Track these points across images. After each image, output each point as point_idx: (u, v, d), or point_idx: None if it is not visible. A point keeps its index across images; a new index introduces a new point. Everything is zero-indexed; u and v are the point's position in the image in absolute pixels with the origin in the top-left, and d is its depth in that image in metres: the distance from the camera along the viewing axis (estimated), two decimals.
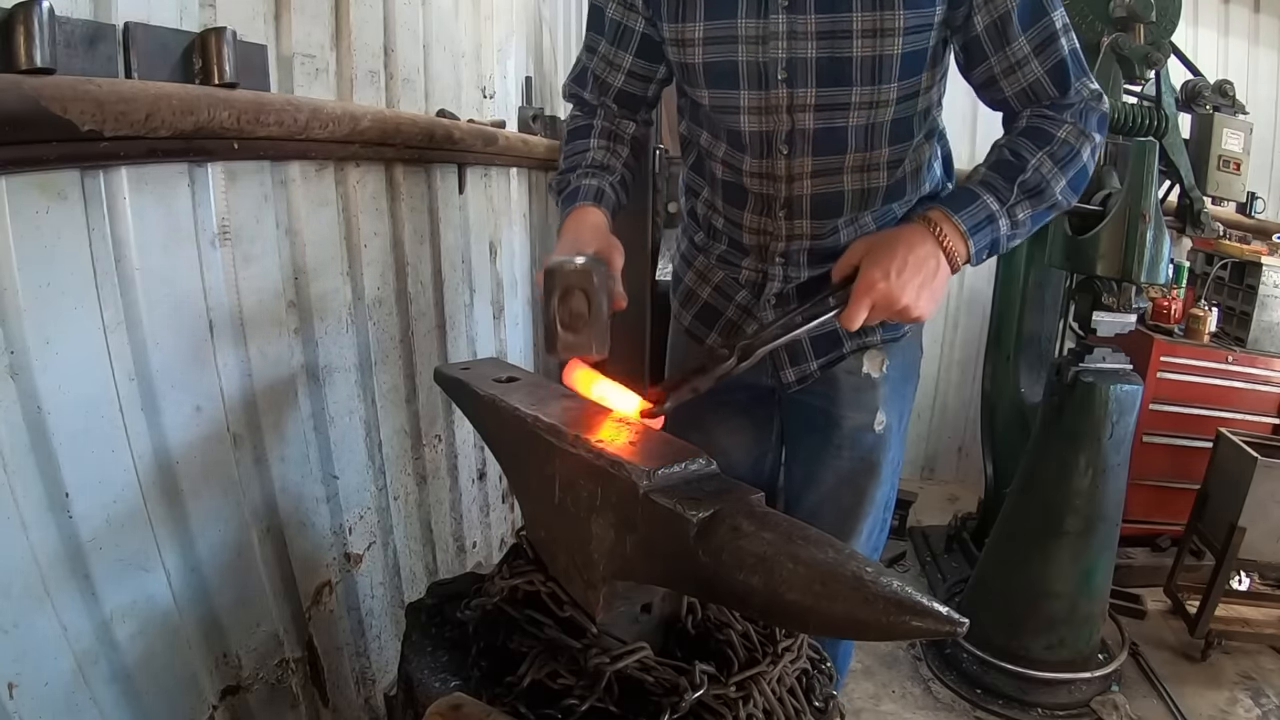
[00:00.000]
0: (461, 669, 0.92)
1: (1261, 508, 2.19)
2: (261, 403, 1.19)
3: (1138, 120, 1.98)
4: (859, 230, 1.18)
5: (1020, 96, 1.08)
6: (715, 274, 1.29)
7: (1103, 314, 1.94)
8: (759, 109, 1.10)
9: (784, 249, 1.19)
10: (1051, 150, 1.04)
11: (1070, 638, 2.05)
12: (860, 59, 1.04)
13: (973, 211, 1.02)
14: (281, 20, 1.21)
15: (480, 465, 2.02)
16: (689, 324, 1.34)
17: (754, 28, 1.06)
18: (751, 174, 1.16)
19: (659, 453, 0.81)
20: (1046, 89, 1.06)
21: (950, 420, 3.62)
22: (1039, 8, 1.04)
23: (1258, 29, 3.54)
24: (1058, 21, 1.05)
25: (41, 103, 0.73)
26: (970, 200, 1.03)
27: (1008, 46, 1.05)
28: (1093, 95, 1.08)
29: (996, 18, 1.03)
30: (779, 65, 1.06)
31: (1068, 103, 1.06)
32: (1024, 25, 1.04)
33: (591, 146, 1.20)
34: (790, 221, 1.17)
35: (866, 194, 1.15)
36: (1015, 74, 1.06)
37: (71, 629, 0.89)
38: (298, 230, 1.25)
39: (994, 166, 1.06)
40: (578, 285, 0.86)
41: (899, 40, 1.03)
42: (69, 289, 0.87)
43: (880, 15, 1.02)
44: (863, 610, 0.65)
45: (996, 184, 1.04)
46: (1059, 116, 1.06)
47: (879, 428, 1.26)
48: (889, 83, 1.06)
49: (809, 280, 1.21)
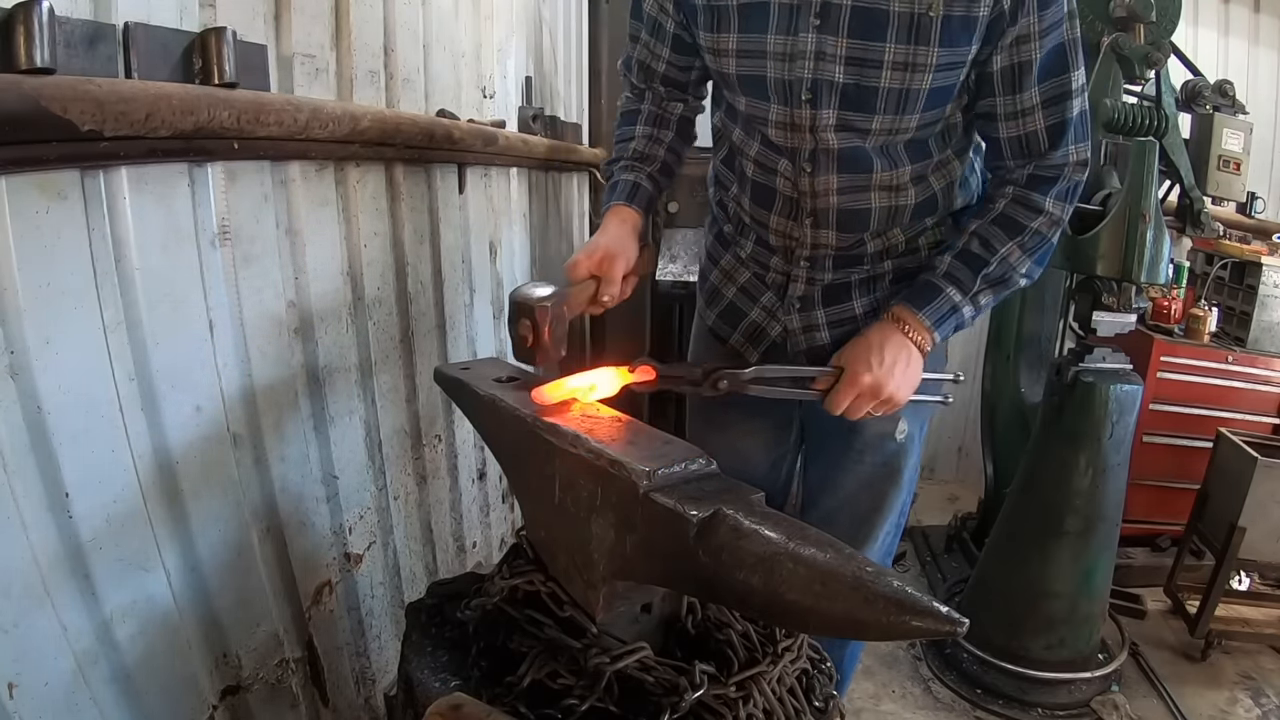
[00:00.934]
0: (461, 669, 0.92)
1: (1261, 508, 2.19)
2: (261, 403, 1.19)
3: (1138, 120, 1.98)
4: (887, 243, 1.18)
5: (1014, 142, 1.08)
6: (741, 274, 1.29)
7: (1103, 314, 1.94)
8: (785, 124, 1.10)
9: (809, 254, 1.19)
10: (1022, 241, 1.09)
11: (1070, 638, 2.05)
12: (887, 90, 1.03)
13: (936, 306, 1.09)
14: (281, 20, 1.21)
15: (480, 465, 2.02)
16: (713, 323, 1.34)
17: (782, 44, 1.04)
18: (783, 176, 1.16)
19: (659, 453, 0.81)
20: (1040, 143, 1.07)
21: (950, 420, 3.62)
22: (1060, 63, 1.03)
23: (1258, 29, 3.54)
24: (1075, 81, 1.04)
25: (41, 103, 0.73)
26: (934, 295, 1.10)
27: (1019, 93, 1.04)
28: (1079, 164, 1.09)
29: (1017, 63, 1.02)
30: (804, 85, 1.05)
31: (1053, 166, 1.07)
32: (1041, 77, 1.03)
33: (636, 135, 1.25)
34: (816, 231, 1.17)
35: (895, 211, 1.15)
36: (1016, 120, 1.06)
37: (71, 629, 0.89)
38: (298, 230, 1.25)
39: (961, 256, 1.10)
40: (526, 316, 0.98)
41: (929, 76, 1.01)
42: (69, 289, 0.87)
43: (914, 49, 1.00)
44: (863, 610, 0.65)
45: (960, 276, 1.10)
46: (1039, 201, 1.08)
47: (900, 436, 1.26)
48: (912, 113, 1.05)
49: (833, 284, 1.21)
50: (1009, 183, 1.11)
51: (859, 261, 1.19)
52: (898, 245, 1.18)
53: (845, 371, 1.06)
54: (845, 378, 1.06)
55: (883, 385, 1.05)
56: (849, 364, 1.06)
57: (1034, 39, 1.00)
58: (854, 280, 1.20)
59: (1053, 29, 1.00)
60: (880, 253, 1.19)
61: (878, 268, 1.20)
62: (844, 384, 1.06)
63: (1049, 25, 1.00)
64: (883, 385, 1.05)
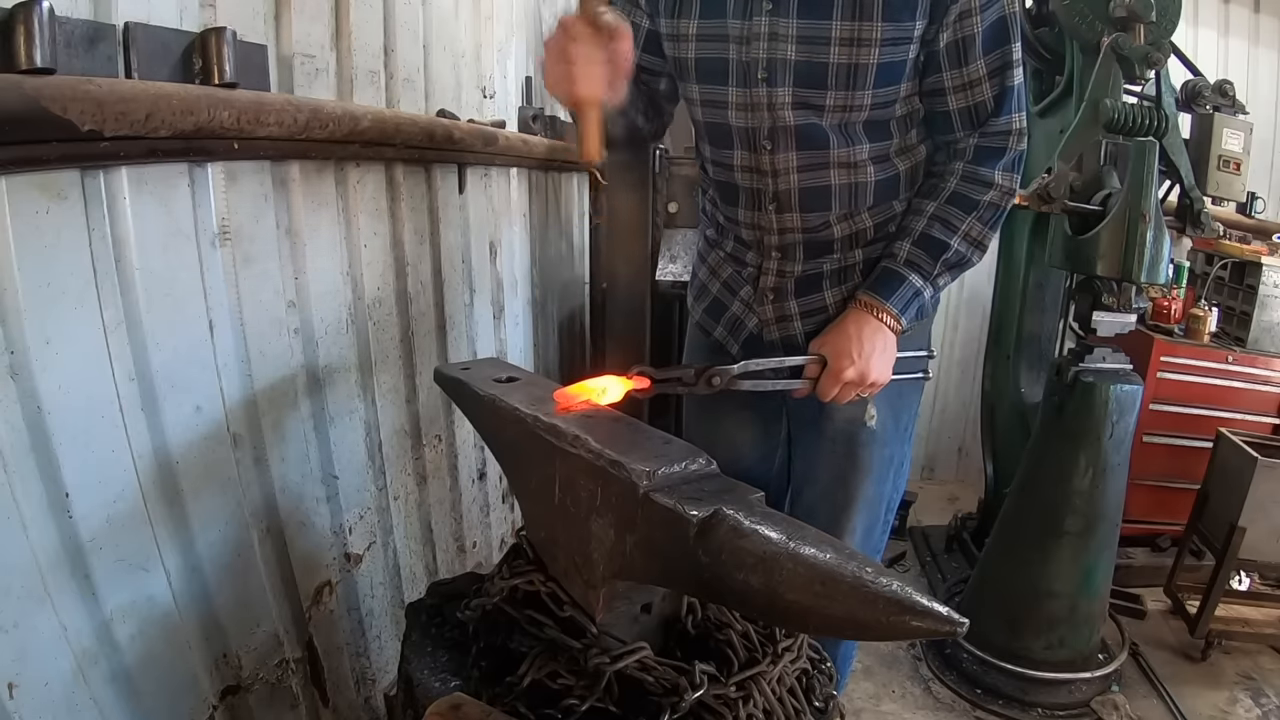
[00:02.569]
0: (461, 669, 0.92)
1: (1261, 508, 2.19)
2: (261, 403, 1.19)
3: (1138, 120, 1.98)
4: (854, 228, 1.21)
5: (963, 113, 1.14)
6: (724, 270, 1.34)
7: (1103, 314, 1.94)
8: (744, 105, 1.15)
9: (778, 242, 1.23)
10: (979, 214, 1.15)
11: (1070, 638, 2.05)
12: (836, 65, 1.08)
13: (900, 294, 1.15)
14: (281, 20, 1.21)
15: (480, 465, 2.02)
16: (699, 318, 1.39)
17: (738, 28, 1.10)
18: (742, 168, 1.20)
19: (659, 453, 0.81)
20: (986, 110, 1.13)
21: (950, 420, 3.62)
22: (1002, 35, 1.09)
23: (1258, 29, 3.54)
24: (1015, 52, 1.11)
25: (41, 103, 0.73)
26: (898, 283, 1.15)
27: (965, 66, 1.11)
28: (1019, 133, 1.15)
29: (961, 37, 1.09)
30: (760, 65, 1.11)
31: (997, 133, 1.13)
32: (985, 49, 1.10)
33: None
34: (780, 215, 1.21)
35: (855, 189, 1.18)
36: (965, 92, 1.12)
37: (71, 629, 0.89)
38: (298, 230, 1.25)
39: (920, 242, 1.15)
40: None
41: (875, 50, 1.07)
42: (69, 289, 0.87)
43: (859, 25, 1.06)
44: (863, 610, 0.65)
45: (920, 263, 1.16)
46: (988, 175, 1.14)
47: (870, 421, 1.27)
48: (863, 89, 1.10)
49: (804, 275, 1.24)
50: (956, 157, 1.17)
51: (828, 250, 1.23)
52: (866, 231, 1.21)
53: (829, 364, 1.11)
54: (830, 370, 1.11)
55: (866, 374, 1.11)
56: (831, 356, 1.11)
57: (975, 13, 1.07)
58: (825, 270, 1.24)
59: (992, 2, 1.07)
60: (848, 238, 1.22)
61: (848, 257, 1.23)
62: (829, 376, 1.11)
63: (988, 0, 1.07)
64: (866, 374, 1.11)
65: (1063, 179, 1.92)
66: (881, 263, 1.18)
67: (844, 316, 1.16)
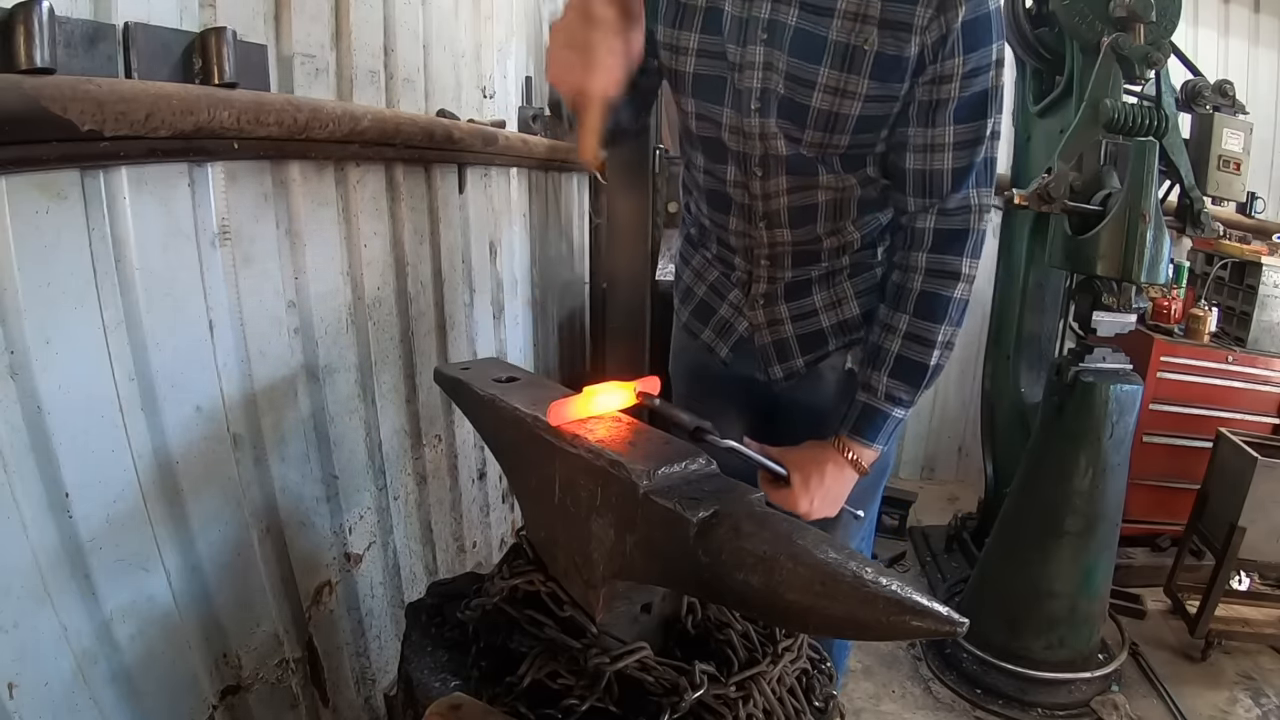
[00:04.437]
0: (461, 669, 0.92)
1: (1261, 508, 2.19)
2: (261, 403, 1.19)
3: (1138, 120, 1.98)
4: (842, 240, 1.21)
5: (918, 176, 1.09)
6: (710, 272, 1.33)
7: (1103, 314, 1.94)
8: (737, 130, 1.12)
9: (768, 252, 1.23)
10: (950, 315, 1.11)
11: (1070, 638, 2.05)
12: (817, 110, 1.06)
13: (885, 430, 1.13)
14: (281, 20, 1.21)
15: (480, 465, 2.02)
16: (686, 320, 1.39)
17: (735, 53, 1.08)
18: (734, 184, 1.18)
19: (659, 453, 0.81)
20: (943, 184, 1.08)
21: (950, 420, 3.62)
22: (979, 109, 1.05)
23: (1258, 29, 3.54)
24: (989, 128, 1.06)
25: (41, 103, 0.73)
26: (881, 420, 1.12)
27: (932, 128, 1.06)
28: (981, 209, 1.10)
29: (935, 99, 1.04)
30: (754, 95, 1.08)
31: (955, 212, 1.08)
32: (957, 118, 1.05)
33: None
34: (771, 231, 1.20)
35: (840, 205, 1.17)
36: (925, 154, 1.07)
37: (71, 629, 0.89)
38: (298, 230, 1.25)
39: (897, 372, 1.11)
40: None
41: (858, 104, 1.05)
42: (69, 289, 0.87)
43: (845, 76, 1.03)
44: (863, 610, 0.65)
45: (901, 393, 1.11)
46: (954, 265, 1.10)
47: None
48: (841, 133, 1.08)
49: (794, 281, 1.24)
50: (916, 245, 1.11)
51: (816, 259, 1.23)
52: (853, 242, 1.21)
53: (793, 487, 1.09)
54: (790, 493, 1.09)
55: (816, 513, 1.11)
56: (796, 483, 1.09)
57: (955, 80, 1.02)
58: (814, 276, 1.24)
59: (976, 74, 1.02)
60: (837, 249, 1.22)
61: (835, 263, 1.23)
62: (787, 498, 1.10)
63: (973, 70, 1.02)
64: (816, 513, 1.11)
65: (1063, 179, 1.91)
66: (860, 398, 1.14)
67: (823, 451, 1.12)
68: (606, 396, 0.92)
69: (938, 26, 0.99)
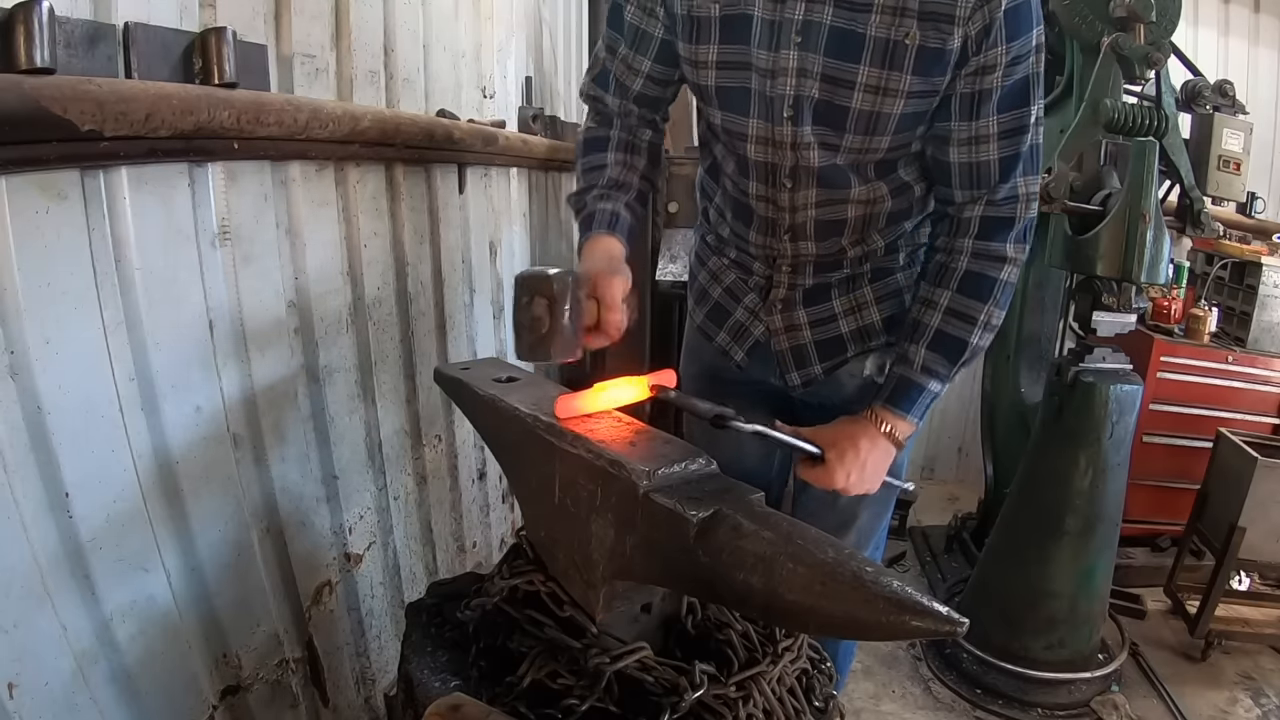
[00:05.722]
0: (461, 669, 0.92)
1: (1261, 508, 2.19)
2: (261, 403, 1.19)
3: (1138, 120, 1.98)
4: (866, 249, 1.19)
5: (964, 169, 1.07)
6: (727, 275, 1.31)
7: (1103, 314, 1.94)
8: (765, 140, 1.09)
9: (790, 262, 1.21)
10: (996, 298, 1.08)
11: (1070, 638, 2.05)
12: (858, 111, 1.03)
13: (919, 403, 1.10)
14: (281, 20, 1.21)
15: (480, 465, 2.02)
16: (700, 322, 1.36)
17: (765, 60, 1.04)
18: (757, 198, 1.16)
19: (659, 453, 0.81)
20: (991, 175, 1.06)
21: (950, 420, 3.62)
22: (1023, 97, 1.03)
23: (1258, 29, 3.54)
24: (1032, 115, 1.04)
25: (41, 103, 0.73)
26: (917, 393, 1.10)
27: (976, 120, 1.04)
28: (1029, 198, 1.08)
29: (978, 90, 1.02)
30: (786, 102, 1.05)
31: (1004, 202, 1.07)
32: (1001, 108, 1.03)
33: (609, 162, 1.18)
34: (795, 243, 1.18)
35: (869, 219, 1.16)
36: (970, 147, 1.06)
37: (71, 629, 0.89)
38: (298, 230, 1.25)
39: (935, 344, 1.09)
40: (539, 292, 0.89)
41: (900, 101, 1.02)
42: (69, 289, 0.87)
43: (887, 74, 1.00)
44: (863, 610, 0.65)
45: (938, 366, 1.09)
46: (1000, 249, 1.08)
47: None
48: (882, 135, 1.05)
49: (813, 287, 1.22)
50: (961, 233, 1.10)
51: (839, 266, 1.21)
52: (877, 250, 1.20)
53: (827, 464, 1.07)
54: (825, 470, 1.07)
55: (857, 486, 1.09)
56: (832, 459, 1.07)
57: (999, 69, 1.00)
58: (834, 281, 1.22)
59: (1019, 62, 1.01)
60: (860, 258, 1.20)
61: (857, 270, 1.22)
62: (824, 473, 1.08)
63: (1015, 58, 1.00)
64: (857, 486, 1.09)
65: (1063, 179, 1.91)
66: (895, 369, 1.12)
67: (856, 425, 1.10)
68: (618, 390, 0.92)
69: (981, 16, 0.97)
